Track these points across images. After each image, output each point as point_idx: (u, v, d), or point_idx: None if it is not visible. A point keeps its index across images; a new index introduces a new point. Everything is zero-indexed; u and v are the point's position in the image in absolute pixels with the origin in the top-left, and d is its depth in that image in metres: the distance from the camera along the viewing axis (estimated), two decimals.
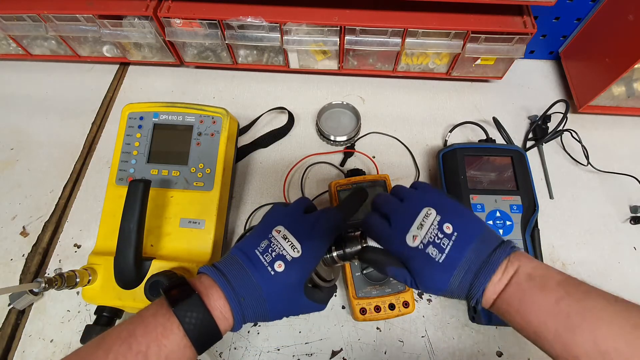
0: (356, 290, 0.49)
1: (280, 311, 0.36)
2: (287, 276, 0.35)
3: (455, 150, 0.56)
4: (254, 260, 0.35)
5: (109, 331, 0.31)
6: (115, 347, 0.29)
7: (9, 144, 0.67)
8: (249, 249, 0.36)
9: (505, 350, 0.50)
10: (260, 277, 0.34)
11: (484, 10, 0.59)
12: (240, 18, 0.59)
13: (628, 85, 0.61)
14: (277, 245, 0.36)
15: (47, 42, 0.70)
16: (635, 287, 0.54)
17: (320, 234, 0.38)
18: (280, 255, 0.35)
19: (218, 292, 0.33)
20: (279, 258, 0.35)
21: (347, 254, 0.39)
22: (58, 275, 0.43)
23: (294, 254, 0.36)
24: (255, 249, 0.36)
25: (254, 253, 0.36)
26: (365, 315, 0.48)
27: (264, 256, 0.35)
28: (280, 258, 0.35)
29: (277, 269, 0.35)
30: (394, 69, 0.68)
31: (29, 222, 0.59)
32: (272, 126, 0.67)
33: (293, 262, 0.35)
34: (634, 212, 0.58)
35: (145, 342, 0.30)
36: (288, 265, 0.35)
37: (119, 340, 0.30)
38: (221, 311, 0.33)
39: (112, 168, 0.52)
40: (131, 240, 0.44)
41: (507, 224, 0.51)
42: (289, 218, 0.39)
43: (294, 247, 0.36)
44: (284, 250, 0.36)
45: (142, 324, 0.31)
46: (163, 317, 0.31)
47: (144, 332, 0.31)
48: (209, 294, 0.33)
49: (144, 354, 0.29)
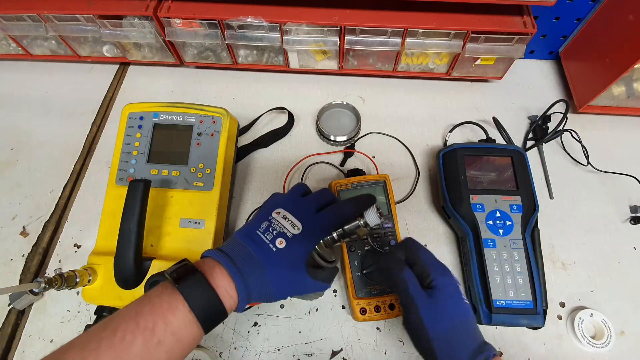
0: (356, 290, 0.49)
1: (284, 289, 0.37)
2: (288, 252, 0.36)
3: (455, 150, 0.56)
4: (256, 239, 0.36)
5: (117, 312, 0.32)
6: (123, 325, 0.30)
7: (9, 144, 0.67)
8: (250, 231, 0.37)
9: (505, 350, 0.50)
10: (262, 254, 0.35)
11: (484, 10, 0.59)
12: (240, 18, 0.59)
13: (628, 85, 0.61)
14: (277, 225, 0.37)
15: (47, 42, 0.70)
16: (635, 287, 0.54)
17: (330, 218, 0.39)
18: (280, 233, 0.37)
19: (222, 270, 0.34)
20: (280, 235, 0.37)
21: (347, 231, 0.40)
22: (58, 275, 0.43)
23: (294, 231, 0.37)
24: (256, 230, 0.37)
25: (255, 233, 0.37)
26: (365, 315, 0.48)
27: (264, 235, 0.37)
28: (280, 235, 0.37)
29: (279, 245, 0.36)
30: (394, 69, 0.68)
31: (29, 222, 0.59)
32: (272, 126, 0.67)
33: (294, 238, 0.37)
34: (634, 212, 0.58)
35: (152, 319, 0.30)
36: (289, 242, 0.36)
37: (126, 319, 0.31)
38: (226, 289, 0.34)
39: (112, 168, 0.52)
40: (131, 240, 0.44)
41: (507, 224, 0.51)
42: (288, 200, 0.40)
43: (294, 225, 0.37)
44: (284, 228, 0.37)
45: (148, 303, 0.32)
46: (168, 296, 0.32)
47: (150, 310, 0.31)
48: (212, 273, 0.34)
49: (150, 330, 0.30)
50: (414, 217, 0.59)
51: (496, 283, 0.48)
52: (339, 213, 0.40)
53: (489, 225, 0.51)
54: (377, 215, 0.40)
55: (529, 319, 0.46)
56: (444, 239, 0.57)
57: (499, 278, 0.48)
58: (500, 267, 0.49)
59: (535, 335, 0.51)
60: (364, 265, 0.49)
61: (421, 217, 0.59)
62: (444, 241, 0.57)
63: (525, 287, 0.47)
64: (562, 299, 0.53)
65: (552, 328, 0.51)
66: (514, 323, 0.47)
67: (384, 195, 0.53)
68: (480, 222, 0.51)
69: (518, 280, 0.48)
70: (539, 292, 0.47)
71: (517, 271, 0.48)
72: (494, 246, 0.50)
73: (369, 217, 0.40)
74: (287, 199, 0.40)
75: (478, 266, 0.50)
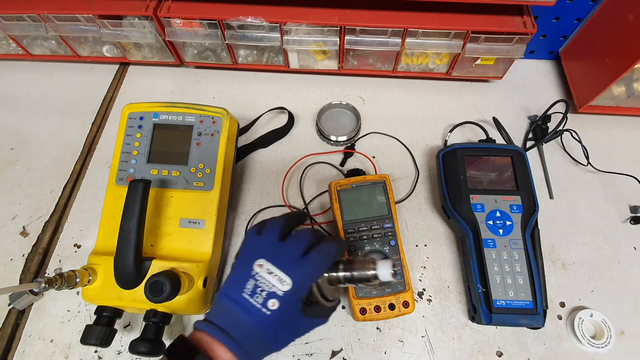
0: (356, 290, 0.49)
1: (285, 341, 0.36)
2: (283, 311, 0.34)
3: (455, 150, 0.56)
4: (246, 305, 0.34)
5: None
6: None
7: (9, 144, 0.67)
8: (236, 294, 0.35)
9: (505, 350, 0.50)
10: (257, 322, 0.33)
11: (484, 10, 0.59)
12: (240, 18, 0.59)
13: (628, 85, 0.61)
14: (264, 283, 0.34)
15: (47, 42, 0.70)
16: (635, 287, 0.54)
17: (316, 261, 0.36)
18: (271, 293, 0.34)
19: (222, 347, 0.33)
20: (271, 296, 0.34)
21: (355, 278, 0.38)
22: (58, 275, 0.43)
23: (284, 287, 0.34)
24: (242, 293, 0.34)
25: (243, 297, 0.34)
26: (365, 315, 0.48)
27: (254, 298, 0.34)
28: (271, 296, 0.34)
29: (272, 307, 0.34)
30: (394, 69, 0.68)
31: (29, 222, 0.59)
32: (272, 126, 0.67)
33: (285, 295, 0.34)
34: (634, 212, 0.58)
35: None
36: (281, 300, 0.34)
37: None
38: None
39: (112, 168, 0.52)
40: (131, 240, 0.43)
41: (507, 224, 0.51)
42: (267, 248, 0.37)
43: (282, 281, 0.34)
44: (273, 287, 0.34)
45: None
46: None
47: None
48: (214, 350, 0.33)
49: None
50: (414, 217, 0.59)
51: (496, 283, 0.48)
52: (326, 254, 0.37)
53: (489, 225, 0.51)
54: (391, 273, 0.37)
55: (529, 319, 0.46)
56: (444, 239, 0.57)
57: (499, 278, 0.48)
58: (500, 267, 0.49)
59: (535, 335, 0.51)
60: None
61: (421, 217, 0.59)
62: (444, 241, 0.57)
63: (525, 287, 0.47)
64: (562, 299, 0.53)
65: (552, 328, 0.51)
66: (514, 323, 0.47)
67: (384, 195, 0.53)
68: (480, 222, 0.51)
69: (518, 280, 0.48)
70: (539, 292, 0.47)
71: (517, 271, 0.48)
72: (494, 246, 0.50)
73: (381, 272, 0.37)
74: (267, 246, 0.37)
75: (478, 266, 0.50)
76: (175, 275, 0.43)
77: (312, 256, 0.36)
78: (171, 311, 0.46)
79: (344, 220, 0.52)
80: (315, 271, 0.36)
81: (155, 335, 0.44)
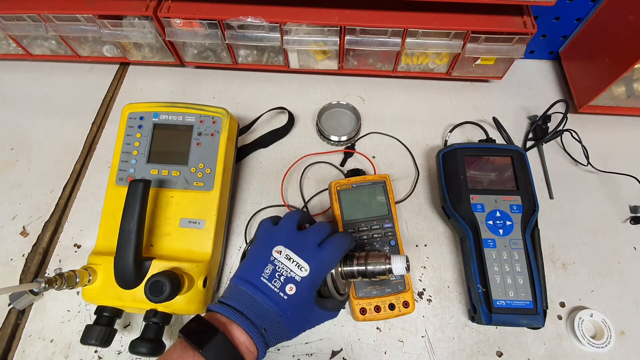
0: (356, 290, 0.49)
1: (299, 329, 0.37)
2: (299, 296, 0.35)
3: (455, 150, 0.56)
4: (264, 289, 0.35)
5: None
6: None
7: (9, 144, 0.67)
8: (254, 278, 0.36)
9: (505, 350, 0.50)
10: (275, 305, 0.34)
11: (484, 10, 0.59)
12: (240, 18, 0.59)
13: (628, 85, 0.61)
14: (283, 268, 0.36)
15: (47, 42, 0.70)
16: (635, 287, 0.54)
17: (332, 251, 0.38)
18: (289, 278, 0.35)
19: (238, 328, 0.33)
20: (289, 281, 0.35)
21: (369, 272, 0.39)
22: (58, 275, 0.43)
23: (303, 273, 0.35)
24: (260, 277, 0.35)
25: (261, 281, 0.35)
26: (365, 315, 0.48)
27: (272, 282, 0.35)
28: (289, 281, 0.35)
29: (289, 292, 0.35)
30: (394, 69, 0.68)
31: (29, 222, 0.59)
32: (272, 126, 0.67)
33: (303, 281, 0.35)
34: (634, 212, 0.58)
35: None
36: (299, 286, 0.35)
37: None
38: (246, 346, 0.33)
39: (112, 168, 0.52)
40: (131, 240, 0.43)
41: (507, 224, 0.51)
42: (286, 236, 0.38)
43: (300, 267, 0.36)
44: (291, 272, 0.35)
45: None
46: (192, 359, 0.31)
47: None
48: (230, 332, 0.33)
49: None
50: (414, 217, 0.59)
51: (496, 283, 0.48)
52: (341, 245, 0.39)
53: (489, 225, 0.51)
54: (405, 267, 0.39)
55: (529, 319, 0.46)
56: (444, 239, 0.57)
57: (499, 278, 0.48)
58: (500, 267, 0.49)
59: (535, 335, 0.51)
60: None
61: (421, 217, 0.59)
62: (444, 241, 0.57)
63: (525, 287, 0.47)
64: (562, 299, 0.53)
65: (552, 328, 0.51)
66: (514, 323, 0.47)
67: (384, 195, 0.53)
68: (480, 222, 0.51)
69: (518, 280, 0.48)
70: (539, 292, 0.47)
71: (517, 271, 0.48)
72: (494, 246, 0.50)
73: (395, 267, 0.38)
74: (285, 234, 0.38)
75: (478, 266, 0.50)
76: (175, 275, 0.43)
77: (329, 246, 0.38)
78: (171, 311, 0.46)
79: (344, 220, 0.52)
80: (332, 260, 0.38)
81: (155, 335, 0.44)
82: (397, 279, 0.49)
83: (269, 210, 0.59)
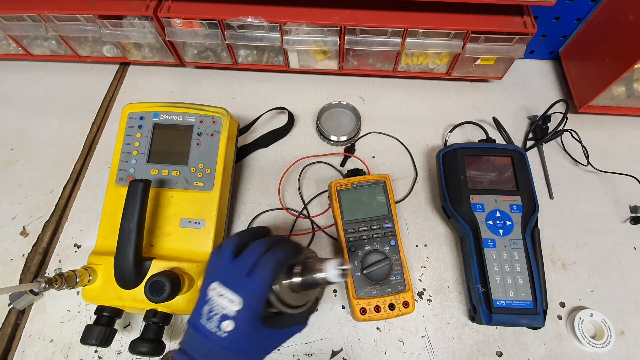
0: (356, 290, 0.49)
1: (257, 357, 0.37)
2: (240, 330, 0.34)
3: (455, 150, 0.56)
4: (204, 332, 0.35)
5: None
6: None
7: (9, 144, 0.67)
8: (196, 321, 0.36)
9: (505, 350, 0.50)
10: (217, 344, 0.34)
11: (484, 10, 0.59)
12: (240, 18, 0.59)
13: (628, 85, 0.61)
14: (217, 306, 0.35)
15: (47, 42, 0.70)
16: (635, 287, 0.54)
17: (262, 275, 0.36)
18: (224, 316, 0.35)
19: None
20: (224, 318, 0.35)
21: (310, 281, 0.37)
22: (58, 275, 0.43)
23: (236, 307, 0.35)
24: (200, 320, 0.35)
25: (200, 324, 0.35)
26: (365, 315, 0.48)
27: (209, 323, 0.35)
28: (225, 318, 0.34)
29: (227, 329, 0.34)
30: (394, 69, 0.68)
31: (29, 222, 0.59)
32: (272, 126, 0.67)
33: (239, 314, 0.34)
34: (634, 212, 0.58)
35: None
36: (236, 320, 0.34)
37: None
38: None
39: (112, 168, 0.52)
40: (131, 240, 0.43)
41: (507, 224, 0.51)
42: (220, 270, 0.37)
43: (232, 301, 0.35)
44: (224, 309, 0.35)
45: None
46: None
47: None
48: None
49: None
50: (414, 217, 0.59)
51: (496, 283, 0.48)
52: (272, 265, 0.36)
53: (489, 225, 0.51)
54: (338, 273, 0.36)
55: (529, 319, 0.46)
56: (444, 239, 0.57)
57: (499, 278, 0.48)
58: (500, 267, 0.49)
59: (535, 335, 0.51)
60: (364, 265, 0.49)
61: (421, 217, 0.59)
62: (444, 241, 0.57)
63: (525, 287, 0.47)
64: (562, 299, 0.53)
65: (552, 328, 0.51)
66: (514, 323, 0.47)
67: (384, 195, 0.53)
68: (480, 222, 0.51)
69: (518, 280, 0.48)
70: (539, 292, 0.47)
71: (517, 271, 0.48)
72: (494, 246, 0.50)
73: (328, 274, 0.37)
74: (219, 269, 0.37)
75: (478, 266, 0.50)
76: (175, 275, 0.43)
77: (258, 270, 0.36)
78: (171, 311, 0.46)
79: (344, 220, 0.52)
80: (263, 284, 0.36)
81: (155, 335, 0.44)
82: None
83: (268, 214, 0.59)
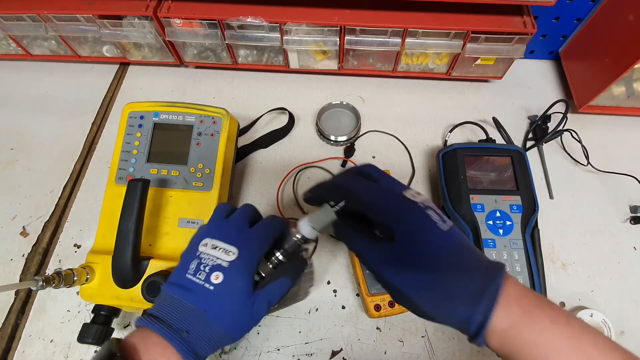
0: (369, 288, 0.48)
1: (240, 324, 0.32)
2: (229, 283, 0.31)
3: (455, 150, 0.56)
4: (187, 285, 0.31)
5: None
6: None
7: (9, 144, 0.67)
8: (178, 278, 0.32)
9: None
10: (198, 299, 0.31)
11: (484, 10, 0.59)
12: (240, 18, 0.59)
13: (628, 85, 0.61)
14: (208, 259, 0.32)
15: (47, 42, 0.70)
16: (635, 287, 0.54)
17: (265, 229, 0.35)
18: (215, 266, 0.31)
19: (157, 339, 0.29)
20: (215, 269, 0.31)
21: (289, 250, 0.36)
22: (56, 274, 0.43)
23: (230, 257, 0.32)
24: (185, 274, 0.32)
25: (185, 278, 0.32)
26: (380, 312, 0.47)
27: (197, 275, 0.31)
28: (215, 269, 0.31)
29: (215, 281, 0.31)
30: (394, 69, 0.68)
31: (29, 222, 0.59)
32: (272, 126, 0.67)
33: (231, 265, 0.31)
34: (634, 212, 0.58)
35: None
36: (227, 271, 0.31)
37: None
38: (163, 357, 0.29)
39: (111, 167, 0.52)
40: (129, 239, 0.43)
41: (507, 224, 0.51)
42: (212, 228, 0.35)
43: (227, 252, 0.32)
44: (217, 260, 0.32)
45: None
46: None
47: None
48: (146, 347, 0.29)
49: None
50: None
51: None
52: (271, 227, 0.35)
53: (489, 225, 0.51)
54: (311, 227, 0.34)
55: None
56: None
57: None
58: None
59: None
60: None
61: None
62: None
63: None
64: (562, 299, 0.53)
65: None
66: None
67: None
68: (480, 222, 0.51)
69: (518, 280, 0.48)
70: (538, 292, 0.47)
71: (517, 271, 0.48)
72: (494, 246, 0.50)
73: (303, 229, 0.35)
74: (211, 227, 0.35)
75: None
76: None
77: (257, 227, 0.35)
78: None
79: None
80: (262, 241, 0.34)
81: None
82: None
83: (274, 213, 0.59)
